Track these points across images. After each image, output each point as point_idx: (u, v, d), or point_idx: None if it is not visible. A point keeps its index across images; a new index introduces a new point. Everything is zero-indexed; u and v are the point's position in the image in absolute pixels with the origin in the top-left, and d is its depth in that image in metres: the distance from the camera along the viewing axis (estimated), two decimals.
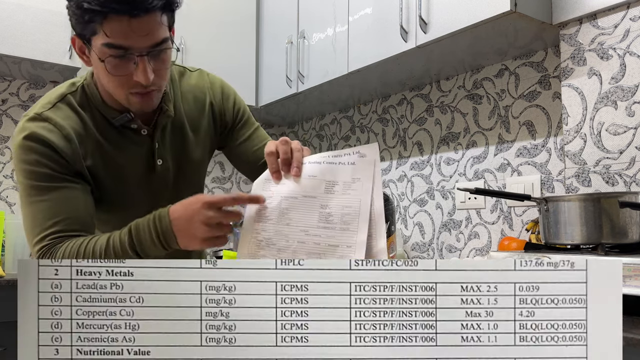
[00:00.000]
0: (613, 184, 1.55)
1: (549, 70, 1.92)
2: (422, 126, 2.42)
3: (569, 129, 1.67)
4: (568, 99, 1.68)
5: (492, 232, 2.07)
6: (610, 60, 1.58)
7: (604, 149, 1.57)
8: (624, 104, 1.54)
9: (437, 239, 2.31)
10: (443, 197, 2.29)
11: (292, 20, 2.63)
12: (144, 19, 0.94)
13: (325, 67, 2.39)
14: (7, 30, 2.16)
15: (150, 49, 0.97)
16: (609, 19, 1.59)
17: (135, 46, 0.95)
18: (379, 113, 2.68)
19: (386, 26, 2.04)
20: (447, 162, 2.29)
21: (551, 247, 1.45)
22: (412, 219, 2.44)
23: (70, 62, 2.27)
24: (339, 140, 2.96)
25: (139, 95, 1.02)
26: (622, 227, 1.34)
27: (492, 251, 1.44)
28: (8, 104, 2.46)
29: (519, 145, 2.01)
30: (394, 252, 1.84)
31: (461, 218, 2.20)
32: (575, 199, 1.36)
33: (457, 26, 1.76)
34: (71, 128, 1.05)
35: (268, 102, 2.81)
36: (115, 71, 0.97)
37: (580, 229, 1.35)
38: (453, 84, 2.28)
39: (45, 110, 1.05)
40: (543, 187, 1.92)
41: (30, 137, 1.01)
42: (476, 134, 2.17)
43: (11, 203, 2.43)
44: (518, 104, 2.02)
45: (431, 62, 2.10)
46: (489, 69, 2.14)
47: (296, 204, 0.95)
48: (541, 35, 1.81)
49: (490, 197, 2.08)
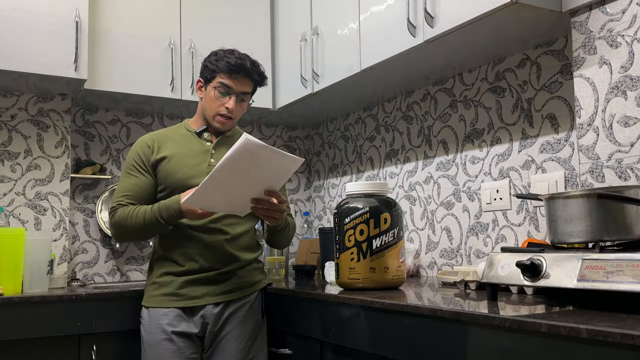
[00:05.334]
0: (625, 178, 1.69)
1: (570, 59, 2.07)
2: (447, 123, 2.60)
3: (582, 122, 1.82)
4: (580, 91, 1.83)
5: (519, 234, 2.22)
6: (619, 48, 1.73)
7: (616, 142, 1.72)
8: (634, 94, 1.68)
9: (464, 243, 2.47)
10: (469, 199, 2.46)
11: (305, 16, 2.86)
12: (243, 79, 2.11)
13: (340, 65, 2.60)
14: (12, 46, 2.46)
15: (239, 94, 2.09)
16: (617, 4, 1.74)
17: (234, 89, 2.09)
18: (402, 110, 2.87)
19: (397, 21, 2.25)
20: (472, 160, 2.45)
21: (556, 246, 1.60)
22: (439, 224, 2.62)
23: (76, 75, 2.56)
24: (364, 141, 3.16)
25: (223, 117, 2.10)
26: (626, 223, 1.48)
27: (492, 252, 1.60)
28: (17, 119, 2.78)
29: (542, 141, 2.16)
30: (402, 257, 2.03)
31: (488, 220, 2.36)
32: (573, 195, 1.51)
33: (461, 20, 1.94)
34: (154, 138, 2.14)
35: (285, 104, 3.05)
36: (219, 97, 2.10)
37: (582, 227, 1.49)
38: (475, 77, 2.45)
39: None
40: (567, 184, 2.06)
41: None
42: (500, 129, 2.33)
43: (24, 220, 2.74)
44: (540, 96, 2.18)
45: (455, 53, 2.28)
46: (510, 60, 2.30)
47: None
48: (556, 23, 1.97)
49: (515, 198, 2.23)
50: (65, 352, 2.21)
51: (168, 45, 2.90)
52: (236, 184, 1.77)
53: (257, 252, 2.19)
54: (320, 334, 1.97)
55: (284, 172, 1.80)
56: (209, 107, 2.11)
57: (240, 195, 1.83)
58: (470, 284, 1.91)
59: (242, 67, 2.07)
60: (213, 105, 2.09)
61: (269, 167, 1.76)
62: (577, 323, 1.13)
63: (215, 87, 2.08)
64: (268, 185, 1.82)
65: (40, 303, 2.17)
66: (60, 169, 2.84)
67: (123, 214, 1.99)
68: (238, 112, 2.13)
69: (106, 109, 3.11)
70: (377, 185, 2.06)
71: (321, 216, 3.55)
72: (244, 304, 2.09)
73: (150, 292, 2.08)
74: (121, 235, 2.06)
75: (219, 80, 2.07)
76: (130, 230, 2.00)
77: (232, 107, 2.07)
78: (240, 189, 1.80)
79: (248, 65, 2.08)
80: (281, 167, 1.78)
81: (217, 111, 2.09)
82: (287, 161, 1.76)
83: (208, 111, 2.11)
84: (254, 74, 2.10)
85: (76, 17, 2.58)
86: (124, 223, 1.99)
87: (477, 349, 1.36)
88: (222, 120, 2.10)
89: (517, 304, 1.49)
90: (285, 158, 1.75)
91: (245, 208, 1.88)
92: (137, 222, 1.97)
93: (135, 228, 1.98)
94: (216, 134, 2.18)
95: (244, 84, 2.09)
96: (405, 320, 1.58)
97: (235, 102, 2.08)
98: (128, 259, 3.09)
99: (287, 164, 1.77)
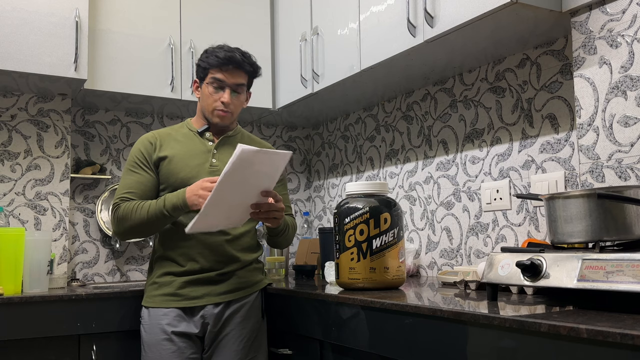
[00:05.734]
0: (625, 178, 1.69)
1: (570, 59, 2.07)
2: (447, 123, 2.60)
3: (582, 122, 1.82)
4: (580, 91, 1.83)
5: (519, 234, 2.22)
6: (619, 48, 1.73)
7: (616, 142, 1.72)
8: (634, 94, 1.68)
9: (464, 243, 2.47)
10: (469, 199, 2.46)
11: (305, 16, 2.87)
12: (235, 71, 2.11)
13: (340, 65, 2.60)
14: (12, 46, 2.47)
15: (233, 86, 2.10)
16: (617, 4, 1.74)
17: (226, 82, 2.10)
18: (402, 110, 2.87)
19: (397, 21, 2.25)
20: (472, 160, 2.46)
21: (556, 246, 1.60)
22: (439, 224, 2.62)
23: (76, 75, 2.56)
24: (364, 141, 3.16)
25: (221, 111, 2.10)
26: (626, 223, 1.48)
27: (492, 252, 1.61)
28: (17, 119, 2.78)
29: (542, 141, 2.16)
30: (402, 257, 2.03)
31: (488, 220, 2.36)
32: (573, 195, 1.51)
33: (461, 20, 1.94)
34: (156, 136, 2.14)
35: (285, 104, 3.05)
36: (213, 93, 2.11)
37: (582, 227, 1.49)
38: (475, 77, 2.45)
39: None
40: (567, 184, 2.06)
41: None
42: (500, 129, 2.33)
43: (24, 220, 2.74)
44: (540, 96, 2.18)
45: (455, 53, 2.28)
46: (510, 60, 2.30)
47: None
48: (556, 23, 1.97)
49: (515, 198, 2.23)
50: (65, 352, 2.21)
51: (168, 45, 2.90)
52: (235, 195, 1.79)
53: (258, 253, 2.19)
54: (320, 334, 1.97)
55: (275, 171, 1.82)
56: (206, 104, 2.12)
57: (239, 205, 1.85)
58: (470, 284, 1.92)
59: (232, 59, 2.08)
60: (209, 101, 2.11)
61: (262, 170, 1.78)
62: (577, 323, 1.13)
63: (209, 83, 2.10)
64: (263, 187, 1.84)
65: (40, 303, 2.17)
66: (60, 169, 2.84)
67: (127, 208, 1.99)
68: (235, 105, 2.13)
69: (106, 109, 3.11)
70: (377, 185, 2.06)
71: (321, 216, 3.55)
72: (244, 304, 2.09)
73: (151, 292, 2.08)
74: (124, 231, 2.03)
75: (212, 75, 2.09)
76: (134, 224, 1.99)
77: (227, 100, 2.08)
78: (239, 200, 1.83)
79: (237, 57, 2.09)
80: (272, 166, 1.80)
81: (214, 106, 2.10)
82: (277, 158, 1.78)
83: (206, 108, 2.13)
84: (245, 64, 2.11)
85: (76, 17, 2.59)
86: (128, 217, 1.99)
87: (477, 349, 1.36)
88: (221, 114, 2.11)
89: (517, 304, 1.49)
90: (275, 155, 1.77)
91: (243, 218, 1.91)
92: (141, 216, 1.97)
93: (140, 221, 1.97)
94: (218, 134, 2.18)
95: (236, 75, 2.10)
96: (405, 320, 1.58)
97: (229, 94, 2.09)
98: (128, 259, 3.09)
99: (277, 161, 1.79)
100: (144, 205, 1.98)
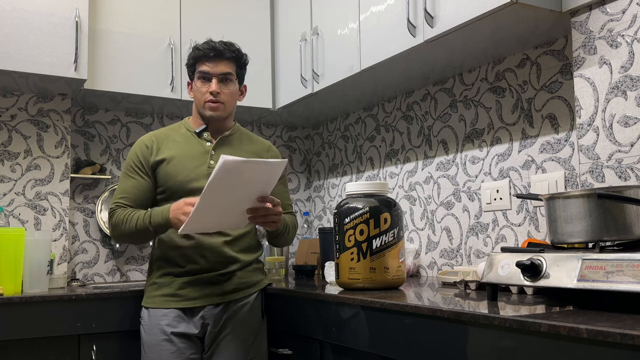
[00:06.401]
0: (625, 178, 1.69)
1: (570, 59, 2.07)
2: (447, 123, 2.60)
3: (582, 122, 1.82)
4: (580, 91, 1.83)
5: (519, 234, 2.22)
6: (619, 48, 1.73)
7: (616, 142, 1.72)
8: (634, 94, 1.68)
9: (464, 244, 2.47)
10: (469, 199, 2.46)
11: (305, 16, 2.87)
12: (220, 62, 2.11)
13: (340, 65, 2.60)
14: (12, 46, 2.47)
15: (219, 75, 2.09)
16: (617, 4, 1.74)
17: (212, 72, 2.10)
18: (402, 110, 2.87)
19: (397, 21, 2.25)
20: (472, 160, 2.46)
21: (556, 246, 1.60)
22: (439, 224, 2.62)
23: (76, 75, 2.56)
24: (364, 141, 3.16)
25: (211, 102, 2.08)
26: (626, 223, 1.48)
27: (492, 252, 1.61)
28: (17, 119, 2.78)
29: (542, 141, 2.16)
30: (402, 257, 2.03)
31: (488, 220, 2.36)
32: (573, 195, 1.51)
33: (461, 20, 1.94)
34: (153, 139, 2.13)
35: (285, 104, 3.05)
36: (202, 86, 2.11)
37: (582, 227, 1.49)
38: (475, 77, 2.45)
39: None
40: (567, 184, 2.06)
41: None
42: (500, 129, 2.33)
43: (24, 220, 2.74)
44: (540, 96, 2.18)
45: (455, 53, 2.28)
46: (510, 60, 2.30)
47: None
48: (556, 23, 1.97)
49: (515, 198, 2.23)
50: (65, 352, 2.21)
51: (168, 45, 2.90)
52: (227, 201, 1.77)
53: (258, 253, 2.19)
54: (320, 334, 1.97)
55: (271, 177, 1.79)
56: (198, 99, 2.13)
57: (234, 210, 1.83)
58: (470, 284, 1.92)
59: (213, 48, 2.09)
60: (199, 95, 2.11)
61: (255, 177, 1.75)
62: (577, 323, 1.13)
63: (197, 78, 2.12)
64: (259, 192, 1.82)
65: (40, 303, 2.17)
66: (60, 169, 2.84)
67: (119, 218, 2.01)
68: (226, 95, 2.12)
69: (106, 109, 3.11)
70: (377, 185, 2.06)
71: (321, 216, 3.55)
72: (244, 305, 2.09)
73: (150, 292, 2.08)
74: (119, 237, 2.08)
75: (198, 70, 2.11)
76: (124, 234, 2.02)
77: (214, 89, 2.07)
78: (232, 205, 1.81)
79: (218, 46, 2.10)
80: (267, 172, 1.77)
81: (204, 99, 2.10)
82: (272, 166, 1.76)
83: (198, 103, 2.13)
84: (227, 52, 2.11)
85: (76, 17, 2.59)
86: (120, 226, 2.01)
87: (477, 349, 1.36)
88: (211, 105, 2.09)
89: (517, 304, 1.49)
90: (268, 165, 1.75)
91: (242, 220, 1.88)
92: (130, 227, 1.98)
93: (129, 233, 2.00)
94: (215, 134, 2.17)
95: (221, 64, 2.10)
96: (405, 320, 1.58)
97: (217, 84, 2.08)
98: (128, 259, 3.09)
99: (273, 168, 1.77)
100: (133, 217, 1.99)
